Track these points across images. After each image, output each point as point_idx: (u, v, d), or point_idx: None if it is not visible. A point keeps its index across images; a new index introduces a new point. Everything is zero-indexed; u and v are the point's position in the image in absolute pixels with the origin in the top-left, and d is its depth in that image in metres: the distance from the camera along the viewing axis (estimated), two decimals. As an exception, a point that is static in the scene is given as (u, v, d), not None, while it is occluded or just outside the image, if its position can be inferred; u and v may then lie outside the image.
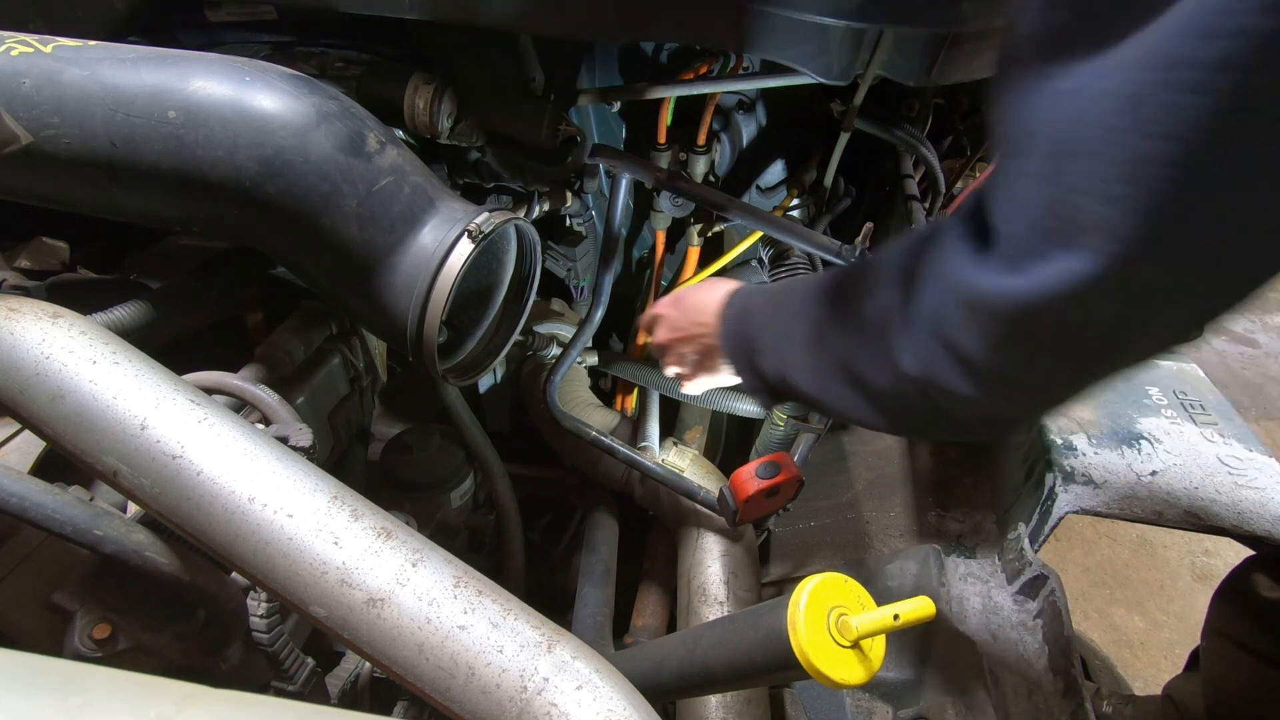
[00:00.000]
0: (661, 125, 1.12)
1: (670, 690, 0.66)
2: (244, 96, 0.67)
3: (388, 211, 0.72)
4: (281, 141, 0.67)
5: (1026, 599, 1.10)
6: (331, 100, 0.71)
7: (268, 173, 0.67)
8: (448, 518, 1.22)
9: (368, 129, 0.73)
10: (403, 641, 0.47)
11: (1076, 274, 0.37)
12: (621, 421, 1.41)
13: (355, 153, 0.70)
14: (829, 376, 0.61)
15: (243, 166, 0.66)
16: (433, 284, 0.72)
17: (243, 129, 0.66)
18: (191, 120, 0.65)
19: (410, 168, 0.76)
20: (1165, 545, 2.28)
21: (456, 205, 0.78)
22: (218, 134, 0.66)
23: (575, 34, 0.83)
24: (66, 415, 0.52)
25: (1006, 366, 0.46)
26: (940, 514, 1.35)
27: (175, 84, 0.66)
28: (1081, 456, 1.14)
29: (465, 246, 0.72)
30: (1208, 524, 1.03)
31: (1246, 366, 3.16)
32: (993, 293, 0.43)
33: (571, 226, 1.34)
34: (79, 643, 0.62)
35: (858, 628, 0.51)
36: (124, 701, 0.36)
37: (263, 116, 0.67)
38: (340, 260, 0.73)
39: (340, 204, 0.70)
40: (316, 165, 0.68)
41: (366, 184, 0.71)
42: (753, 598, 1.13)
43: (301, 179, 0.68)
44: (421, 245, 0.74)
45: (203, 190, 0.68)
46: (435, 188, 0.78)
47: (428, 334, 0.74)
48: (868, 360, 0.56)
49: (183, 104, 0.65)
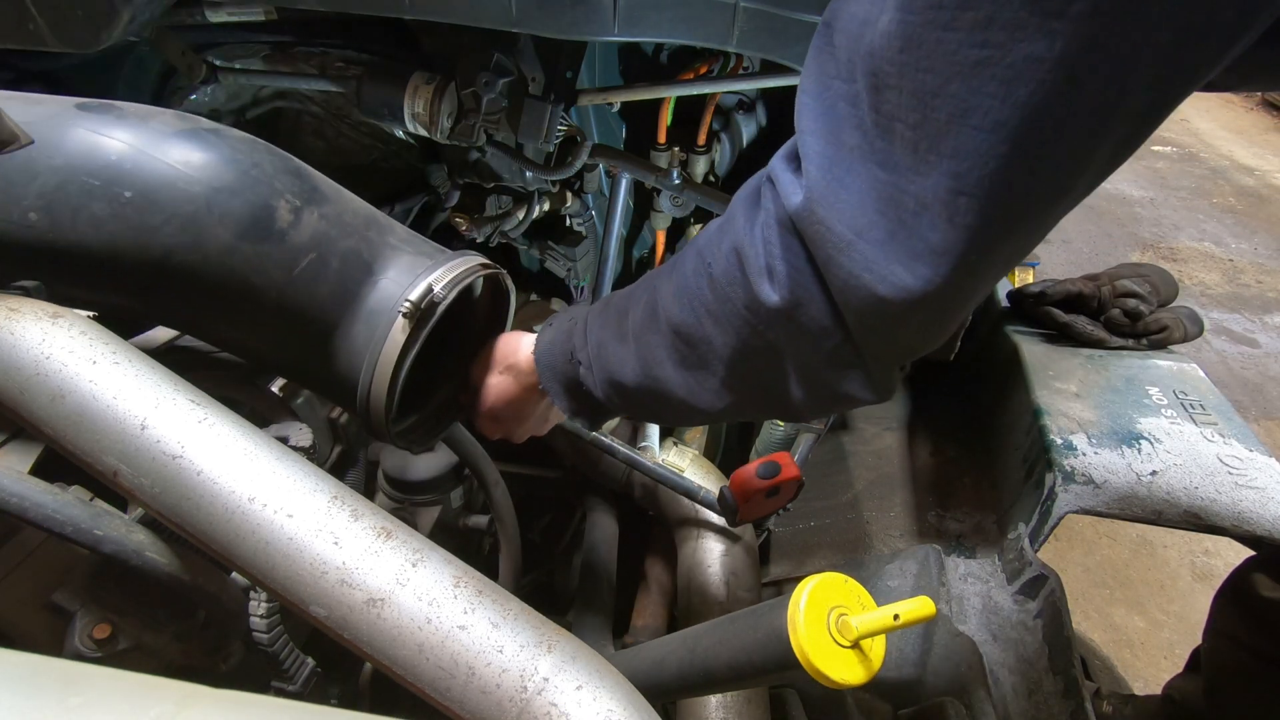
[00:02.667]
0: (661, 125, 1.12)
1: (670, 690, 0.66)
2: (116, 183, 0.55)
3: (314, 296, 0.61)
4: (168, 240, 0.55)
5: (1026, 599, 1.10)
6: (227, 166, 0.58)
7: (160, 277, 0.56)
8: (447, 518, 1.22)
9: (276, 195, 0.59)
10: (403, 641, 0.47)
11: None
12: (621, 421, 1.41)
13: (263, 235, 0.58)
14: (662, 362, 0.62)
15: (132, 270, 0.56)
16: (374, 376, 0.62)
17: (120, 229, 0.55)
18: (56, 223, 0.54)
19: (338, 230, 0.63)
20: (1165, 545, 2.28)
21: (404, 262, 0.65)
22: (91, 238, 0.54)
23: (575, 34, 0.83)
24: (66, 415, 0.52)
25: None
26: (940, 514, 1.35)
27: (30, 175, 0.54)
28: (1081, 456, 1.14)
29: (401, 332, 0.61)
30: (1208, 524, 1.03)
31: (1246, 366, 3.16)
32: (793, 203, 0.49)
33: (571, 226, 1.35)
34: (79, 643, 0.62)
35: (858, 628, 0.51)
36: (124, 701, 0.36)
37: (141, 210, 0.55)
38: (269, 349, 0.65)
39: (256, 298, 0.59)
40: (217, 262, 0.57)
41: (283, 270, 0.59)
42: (753, 598, 1.13)
43: (202, 281, 0.57)
44: (363, 325, 0.63)
45: (91, 289, 0.59)
46: (373, 245, 0.65)
47: (376, 421, 0.65)
48: (718, 314, 0.57)
49: (42, 203, 0.54)
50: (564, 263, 1.35)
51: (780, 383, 0.58)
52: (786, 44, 0.80)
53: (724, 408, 0.62)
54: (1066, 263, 3.83)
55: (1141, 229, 4.31)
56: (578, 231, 1.34)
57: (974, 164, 0.40)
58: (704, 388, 0.61)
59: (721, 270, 0.56)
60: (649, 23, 0.82)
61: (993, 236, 0.43)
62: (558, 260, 1.35)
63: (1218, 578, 1.09)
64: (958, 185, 0.41)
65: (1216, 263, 4.01)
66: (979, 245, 0.43)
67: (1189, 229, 4.35)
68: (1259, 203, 4.75)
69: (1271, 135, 5.94)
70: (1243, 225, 4.44)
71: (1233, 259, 4.05)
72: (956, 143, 0.40)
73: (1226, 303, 3.63)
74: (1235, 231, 4.36)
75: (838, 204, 0.47)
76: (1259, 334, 3.40)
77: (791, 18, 0.76)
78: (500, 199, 1.27)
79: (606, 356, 0.66)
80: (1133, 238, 4.20)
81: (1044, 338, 1.51)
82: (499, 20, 0.82)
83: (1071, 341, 1.49)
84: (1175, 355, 1.45)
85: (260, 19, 0.91)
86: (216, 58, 1.03)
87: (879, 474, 1.49)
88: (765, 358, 0.57)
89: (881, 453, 1.55)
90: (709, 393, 0.61)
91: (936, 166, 0.41)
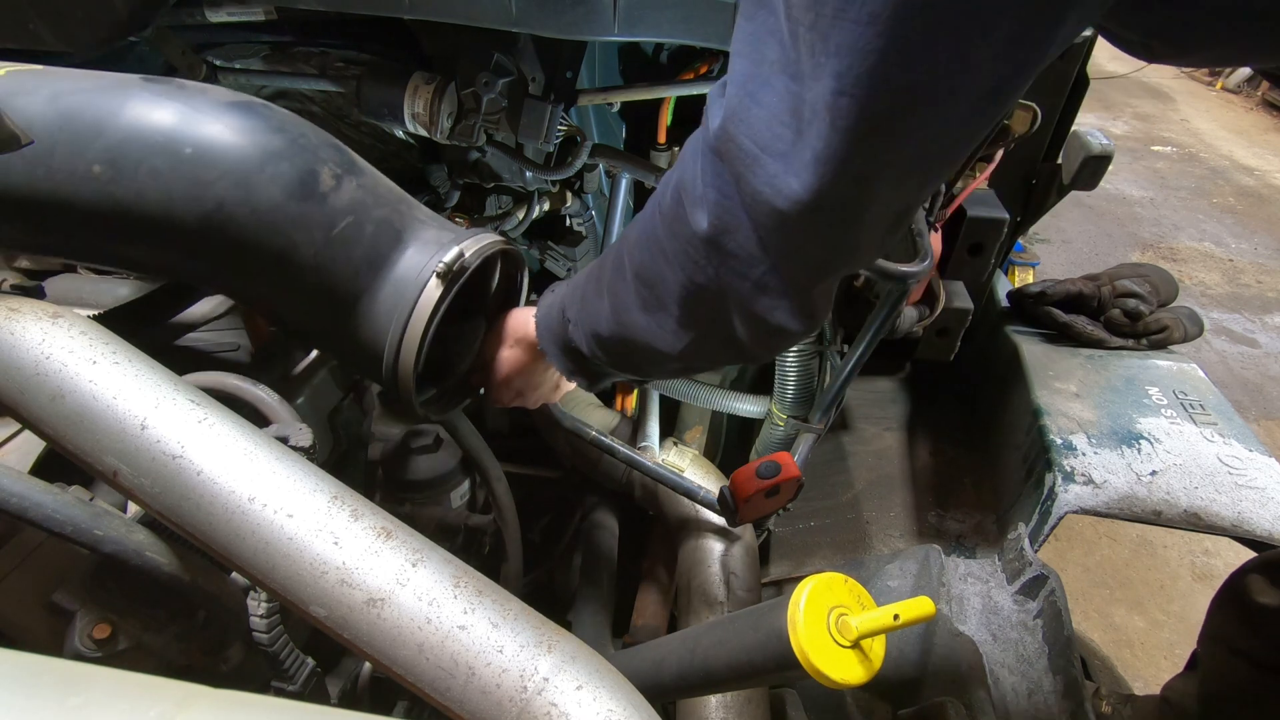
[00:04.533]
0: (661, 125, 1.12)
1: (670, 690, 0.66)
2: (176, 141, 0.59)
3: (349, 258, 0.65)
4: (221, 193, 0.60)
5: (1026, 599, 1.10)
6: (276, 133, 0.63)
7: (210, 228, 0.60)
8: (447, 518, 1.22)
9: (320, 162, 0.65)
10: (403, 641, 0.47)
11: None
12: (621, 421, 1.41)
13: (307, 196, 0.63)
14: (629, 307, 0.64)
15: (182, 222, 0.60)
16: (404, 334, 0.66)
17: (176, 181, 0.59)
18: (119, 174, 0.58)
19: (373, 199, 0.68)
20: (1165, 545, 2.28)
21: (429, 235, 0.70)
22: (150, 189, 0.59)
23: (575, 33, 0.83)
24: (66, 415, 0.52)
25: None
26: (940, 514, 1.35)
27: (96, 132, 0.59)
28: (1081, 456, 1.14)
29: (435, 290, 0.66)
30: (1208, 524, 1.03)
31: (1246, 366, 3.16)
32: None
33: (571, 226, 1.35)
34: (79, 643, 0.62)
35: (858, 628, 0.51)
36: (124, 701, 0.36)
37: (198, 165, 0.59)
38: (302, 310, 0.68)
39: (295, 256, 0.63)
40: (264, 216, 0.61)
41: (323, 230, 0.63)
42: (753, 598, 1.13)
43: (248, 233, 0.61)
44: (391, 289, 0.67)
45: (142, 244, 0.63)
46: (403, 217, 0.70)
47: (403, 382, 0.68)
48: (669, 251, 0.58)
49: (108, 156, 0.58)
50: (564, 263, 1.35)
51: (725, 318, 0.59)
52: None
53: (683, 349, 0.64)
54: (1066, 263, 3.83)
55: (1141, 229, 4.31)
56: (578, 232, 1.34)
57: (853, 61, 0.40)
58: (664, 329, 0.63)
59: (669, 206, 0.57)
60: (649, 22, 0.82)
61: (873, 139, 0.44)
62: (558, 260, 1.35)
63: (1218, 578, 1.09)
64: (839, 85, 0.41)
65: (1216, 263, 4.01)
66: (861, 149, 0.44)
67: (1189, 229, 4.35)
68: (1259, 203, 4.75)
69: (1271, 135, 5.94)
70: (1243, 225, 4.44)
71: (1233, 259, 4.05)
72: (839, 39, 0.40)
73: (1226, 303, 3.63)
74: (1235, 231, 4.36)
75: (749, 119, 0.47)
76: (1259, 334, 3.40)
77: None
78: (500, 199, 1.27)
79: (587, 310, 0.69)
80: (1133, 238, 4.20)
81: (1044, 338, 1.51)
82: (499, 20, 0.82)
83: (1071, 341, 1.49)
84: (1175, 355, 1.45)
85: (260, 19, 0.91)
86: (216, 58, 1.03)
87: (879, 474, 1.49)
88: (711, 293, 0.58)
89: (881, 453, 1.55)
90: (669, 334, 0.63)
91: (825, 68, 0.42)
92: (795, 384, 1.19)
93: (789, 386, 1.20)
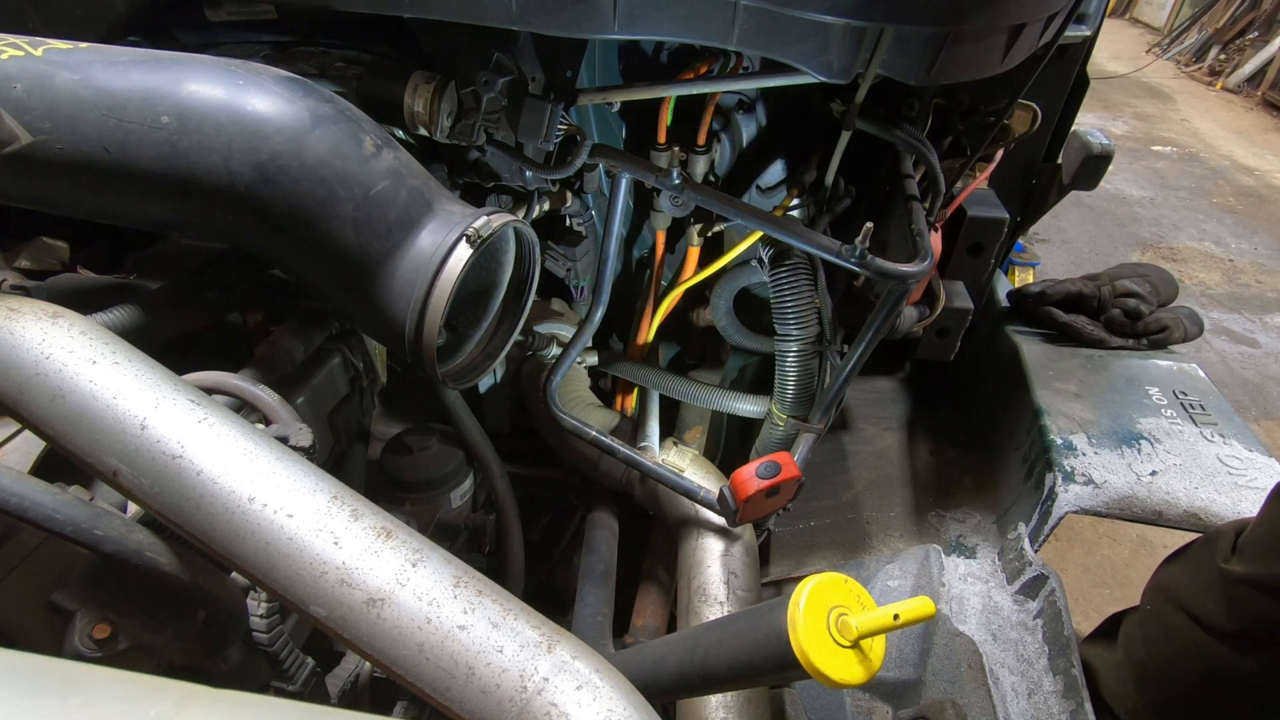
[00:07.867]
0: (661, 125, 1.12)
1: (670, 690, 0.66)
2: (238, 100, 0.66)
3: (384, 216, 0.72)
4: (276, 146, 0.66)
5: (1026, 599, 1.10)
6: (326, 103, 0.71)
7: (262, 178, 0.66)
8: (448, 518, 1.22)
9: (364, 131, 0.72)
10: (403, 641, 0.47)
11: None
12: (621, 421, 1.41)
13: (351, 156, 0.70)
14: None
15: (237, 172, 0.66)
16: (430, 289, 0.71)
17: (237, 134, 0.65)
18: (185, 125, 0.65)
19: (407, 170, 0.75)
20: (1165, 545, 2.28)
21: (454, 208, 0.77)
22: (212, 139, 0.65)
23: (575, 32, 0.83)
24: (66, 415, 0.52)
25: None
26: (940, 514, 1.35)
27: (168, 88, 0.65)
28: (1081, 456, 1.14)
29: (463, 251, 0.72)
30: (1208, 524, 1.03)
31: (1246, 366, 3.16)
32: None
33: (571, 226, 1.34)
34: (79, 643, 0.62)
35: (858, 628, 0.51)
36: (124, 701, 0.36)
37: (257, 120, 0.66)
38: (336, 265, 0.72)
39: (336, 209, 0.69)
40: (312, 170, 0.68)
41: (363, 188, 0.70)
42: (753, 598, 1.13)
43: (297, 184, 0.67)
44: (419, 249, 0.73)
45: (197, 195, 0.67)
46: (433, 190, 0.77)
47: (426, 339, 0.73)
48: None
49: (176, 108, 0.65)
50: (564, 263, 1.35)
51: None
52: (787, 43, 0.80)
53: None
54: (1066, 263, 3.83)
55: (1141, 229, 4.31)
56: (578, 231, 1.34)
57: None
58: None
59: None
60: (649, 21, 0.82)
61: None
62: (558, 260, 1.34)
63: (1218, 578, 1.08)
64: None
65: (1216, 263, 4.01)
66: None
67: (1189, 229, 4.35)
68: (1259, 203, 4.75)
69: (1271, 135, 5.94)
70: (1243, 225, 4.44)
71: (1233, 259, 4.05)
72: None
73: (1226, 303, 3.63)
74: (1235, 231, 4.36)
75: None
76: (1259, 334, 3.40)
77: (792, 16, 0.76)
78: (500, 199, 1.27)
79: None
80: (1133, 238, 4.20)
81: (1044, 338, 1.51)
82: (499, 18, 0.82)
83: (1071, 341, 1.49)
84: (1175, 355, 1.45)
85: (260, 18, 0.91)
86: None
87: (879, 474, 1.49)
88: None
89: (881, 453, 1.55)
90: None
91: None
92: (795, 384, 1.19)
93: (789, 386, 1.20)
